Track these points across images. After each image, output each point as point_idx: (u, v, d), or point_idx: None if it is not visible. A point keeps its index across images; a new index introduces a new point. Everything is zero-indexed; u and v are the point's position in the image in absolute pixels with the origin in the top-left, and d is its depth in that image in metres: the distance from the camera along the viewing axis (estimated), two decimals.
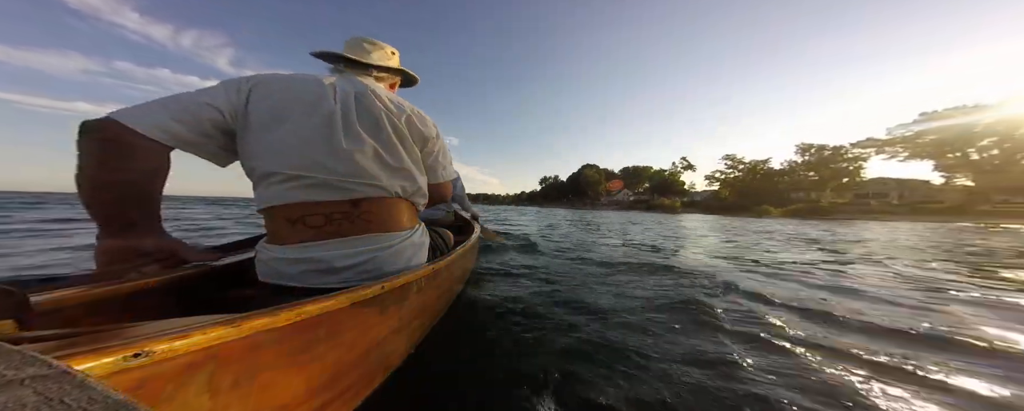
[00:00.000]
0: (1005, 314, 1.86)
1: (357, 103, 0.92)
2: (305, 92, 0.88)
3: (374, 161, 0.91)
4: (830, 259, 3.91)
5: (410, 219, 1.02)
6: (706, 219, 17.68)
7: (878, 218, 27.47)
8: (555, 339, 1.41)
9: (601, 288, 2.39)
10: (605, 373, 1.19)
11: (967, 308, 1.94)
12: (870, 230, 10.67)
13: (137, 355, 0.37)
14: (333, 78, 0.96)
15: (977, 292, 2.34)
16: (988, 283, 2.68)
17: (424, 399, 0.98)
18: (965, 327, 1.62)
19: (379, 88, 1.02)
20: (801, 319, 1.70)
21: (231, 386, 0.47)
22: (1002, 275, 3.05)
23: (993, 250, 5.22)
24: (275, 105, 0.85)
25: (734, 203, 45.42)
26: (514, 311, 1.74)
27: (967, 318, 1.77)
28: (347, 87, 0.94)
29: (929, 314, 1.83)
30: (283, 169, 0.83)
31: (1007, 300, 2.13)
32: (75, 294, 0.67)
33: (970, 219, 25.12)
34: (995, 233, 10.06)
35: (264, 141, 0.84)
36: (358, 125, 0.90)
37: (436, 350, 1.22)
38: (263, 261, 0.90)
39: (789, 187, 52.54)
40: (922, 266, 3.52)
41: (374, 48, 1.09)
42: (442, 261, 1.18)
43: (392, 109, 0.97)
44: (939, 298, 2.17)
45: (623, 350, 1.39)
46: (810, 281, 2.62)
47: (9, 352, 0.27)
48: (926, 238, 7.59)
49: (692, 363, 1.23)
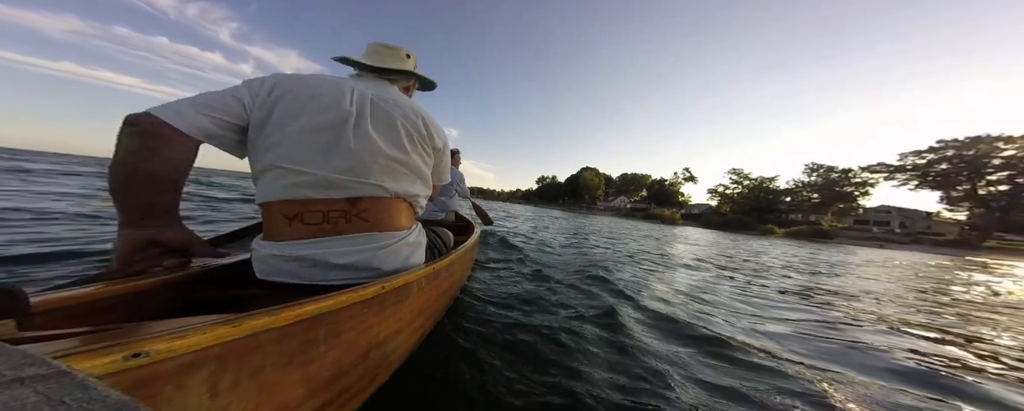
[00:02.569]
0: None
1: (372, 106, 0.95)
2: (321, 93, 0.91)
3: (379, 162, 0.92)
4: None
5: (408, 219, 1.03)
6: (708, 234, 17.09)
7: (877, 245, 27.21)
8: (555, 339, 1.42)
9: (599, 291, 2.39)
10: (605, 373, 1.19)
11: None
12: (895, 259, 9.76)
13: (137, 355, 0.37)
14: (353, 82, 0.99)
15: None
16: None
17: (424, 399, 0.98)
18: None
19: (395, 92, 1.05)
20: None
21: (231, 386, 0.47)
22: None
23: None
24: (289, 104, 0.87)
25: (734, 219, 44.32)
26: (514, 311, 1.74)
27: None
28: (365, 90, 0.97)
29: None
30: (284, 164, 0.85)
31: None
32: (75, 294, 0.67)
33: (977, 253, 25.01)
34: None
35: (272, 137, 0.86)
36: (370, 127, 0.92)
37: (436, 350, 1.22)
38: (259, 258, 0.90)
39: (790, 208, 52.25)
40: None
41: (390, 52, 1.13)
42: (442, 261, 1.18)
43: (407, 114, 1.00)
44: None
45: (624, 351, 1.39)
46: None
47: (9, 352, 0.27)
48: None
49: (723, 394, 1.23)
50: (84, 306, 0.69)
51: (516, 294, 2.05)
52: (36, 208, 3.13)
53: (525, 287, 2.25)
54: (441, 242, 1.36)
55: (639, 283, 2.80)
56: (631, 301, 2.13)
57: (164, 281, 0.84)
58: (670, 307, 2.13)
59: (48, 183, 5.59)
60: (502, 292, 2.09)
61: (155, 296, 0.83)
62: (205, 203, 5.38)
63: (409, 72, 1.16)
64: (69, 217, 2.92)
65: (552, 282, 2.43)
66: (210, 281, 0.97)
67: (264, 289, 0.89)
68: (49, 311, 0.63)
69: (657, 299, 2.31)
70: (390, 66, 1.10)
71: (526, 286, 2.29)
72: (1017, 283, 6.21)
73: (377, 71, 1.10)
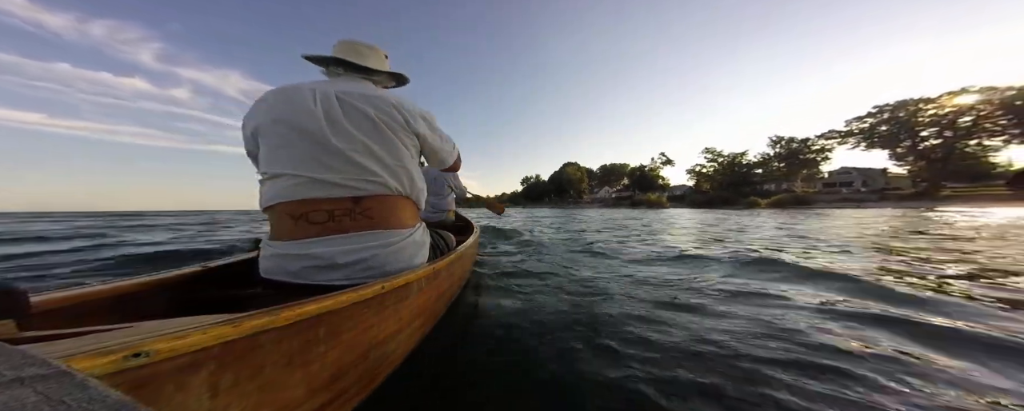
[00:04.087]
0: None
1: (340, 103, 0.93)
2: (298, 99, 0.92)
3: (370, 158, 0.93)
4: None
5: (412, 217, 1.03)
6: (703, 214, 17.02)
7: (853, 205, 29.95)
8: (555, 340, 1.41)
9: (600, 288, 2.39)
10: (604, 373, 1.19)
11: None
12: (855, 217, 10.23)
13: (137, 355, 0.37)
14: (314, 83, 0.97)
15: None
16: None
17: (424, 399, 0.98)
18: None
19: (365, 86, 1.02)
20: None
21: (231, 386, 0.47)
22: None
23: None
24: (277, 115, 0.91)
25: (717, 196, 46.41)
26: (514, 311, 1.74)
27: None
28: (327, 89, 0.95)
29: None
30: (286, 169, 0.87)
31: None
32: (75, 294, 0.67)
33: (933, 203, 29.18)
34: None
35: (270, 146, 0.90)
36: (346, 123, 0.91)
37: (436, 350, 1.22)
38: (266, 257, 0.91)
39: (763, 179, 55.34)
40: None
41: (371, 52, 1.11)
42: (442, 261, 1.18)
43: (377, 105, 0.97)
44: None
45: (624, 356, 1.39)
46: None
47: (9, 352, 0.27)
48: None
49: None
50: (84, 306, 0.69)
51: (517, 295, 2.05)
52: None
53: (525, 288, 2.25)
54: (443, 243, 1.36)
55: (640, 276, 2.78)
56: (632, 304, 2.13)
57: (164, 281, 0.85)
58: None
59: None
60: (503, 292, 2.09)
61: (155, 296, 0.83)
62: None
63: (390, 73, 1.16)
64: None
65: (553, 284, 2.42)
66: (210, 281, 0.97)
67: (266, 289, 0.90)
68: (49, 311, 0.63)
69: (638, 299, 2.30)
70: (375, 67, 1.08)
71: (526, 287, 2.29)
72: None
73: (363, 71, 1.07)
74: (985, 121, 38.99)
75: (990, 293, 1.94)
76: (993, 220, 8.43)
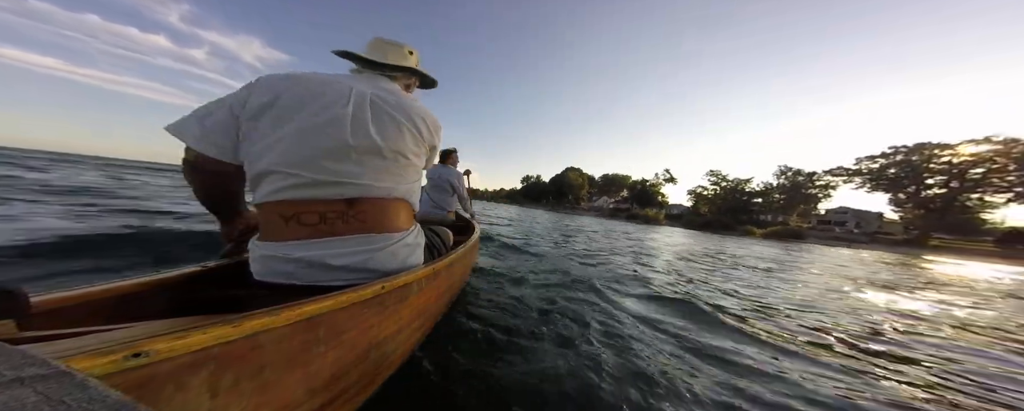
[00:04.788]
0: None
1: (373, 106, 0.93)
2: (317, 92, 0.89)
3: (378, 162, 0.91)
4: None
5: (406, 220, 1.02)
6: (701, 237, 16.59)
7: (845, 244, 30.53)
8: (555, 340, 1.42)
9: (598, 289, 2.39)
10: (604, 373, 1.19)
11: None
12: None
13: (137, 355, 0.37)
14: (351, 80, 0.97)
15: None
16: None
17: (424, 399, 0.98)
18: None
19: (397, 91, 1.03)
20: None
21: (231, 386, 0.47)
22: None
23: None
24: (283, 105, 0.85)
25: (715, 220, 46.51)
26: (514, 312, 1.74)
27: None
28: (365, 90, 0.95)
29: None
30: (281, 167, 0.83)
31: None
32: (75, 294, 0.67)
33: (923, 251, 29.38)
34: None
35: (267, 139, 0.84)
36: (370, 126, 0.90)
37: (436, 350, 1.22)
38: (256, 259, 0.89)
39: (761, 208, 55.60)
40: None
41: (392, 48, 1.12)
42: (442, 261, 1.17)
43: (409, 114, 0.98)
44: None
45: (625, 355, 1.39)
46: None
47: (9, 352, 0.27)
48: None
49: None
50: (84, 306, 0.69)
51: (517, 295, 2.05)
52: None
53: (526, 289, 2.25)
54: (441, 242, 1.36)
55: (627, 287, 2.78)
56: (623, 312, 2.13)
57: (164, 281, 0.84)
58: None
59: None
60: (503, 292, 2.09)
61: (155, 296, 0.83)
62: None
63: (411, 69, 1.16)
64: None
65: (553, 285, 2.43)
66: (210, 281, 0.97)
67: (263, 290, 0.89)
68: (49, 311, 0.63)
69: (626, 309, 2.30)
70: (393, 62, 1.09)
71: (527, 288, 2.29)
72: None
73: (380, 67, 1.08)
74: (995, 174, 39.01)
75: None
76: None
